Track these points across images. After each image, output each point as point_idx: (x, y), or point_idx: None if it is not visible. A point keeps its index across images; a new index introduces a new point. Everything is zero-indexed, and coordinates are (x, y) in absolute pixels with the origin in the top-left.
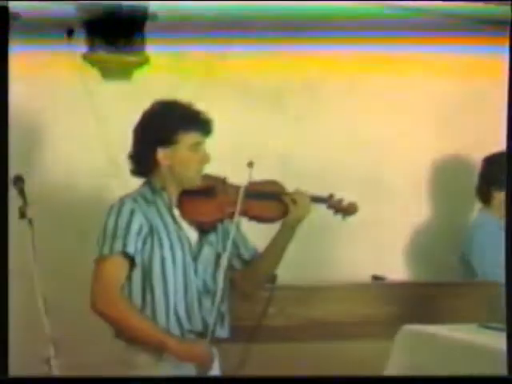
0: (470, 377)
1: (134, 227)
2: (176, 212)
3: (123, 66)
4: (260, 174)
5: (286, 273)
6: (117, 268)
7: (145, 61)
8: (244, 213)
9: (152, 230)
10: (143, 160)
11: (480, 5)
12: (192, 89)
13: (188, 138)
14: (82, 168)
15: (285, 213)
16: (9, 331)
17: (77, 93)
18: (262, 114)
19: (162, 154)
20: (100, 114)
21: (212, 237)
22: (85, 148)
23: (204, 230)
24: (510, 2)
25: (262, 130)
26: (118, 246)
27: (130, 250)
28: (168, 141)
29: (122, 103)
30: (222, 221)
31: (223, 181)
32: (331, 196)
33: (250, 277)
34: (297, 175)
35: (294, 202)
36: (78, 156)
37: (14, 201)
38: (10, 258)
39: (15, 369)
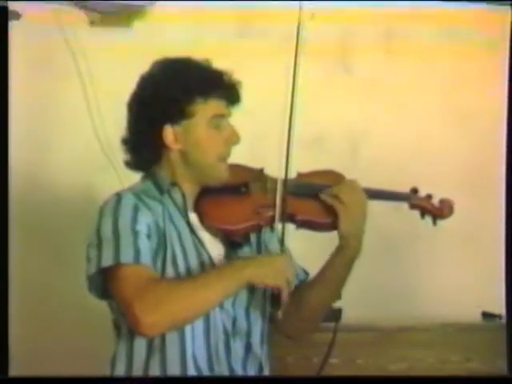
0: (470, 377)
1: (142, 229)
2: (193, 218)
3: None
4: (315, 162)
5: (353, 307)
6: (135, 275)
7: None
8: (290, 217)
9: (163, 238)
10: (144, 145)
11: None
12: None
13: (207, 109)
14: (60, 159)
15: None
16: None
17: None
18: (319, 76)
19: (170, 134)
20: (87, 80)
21: (245, 252)
22: (65, 130)
23: (233, 242)
24: (510, 1)
25: (319, 98)
26: (127, 255)
27: (146, 259)
28: (179, 114)
29: (117, 64)
30: (258, 229)
31: (259, 173)
32: (415, 191)
33: (299, 312)
34: (368, 162)
35: (341, 201)
36: (56, 140)
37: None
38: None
39: None
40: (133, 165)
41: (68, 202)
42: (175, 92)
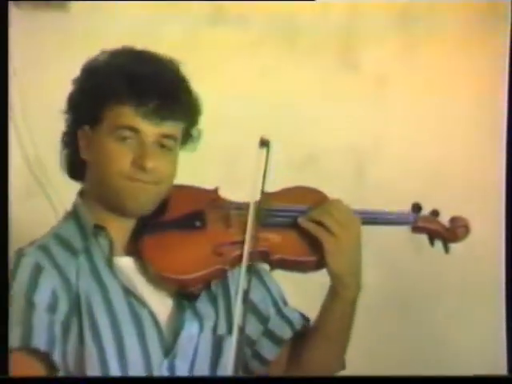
0: (470, 377)
1: (42, 299)
2: (127, 264)
3: None
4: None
5: (363, 362)
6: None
7: None
8: (262, 256)
9: (79, 305)
10: (69, 149)
11: None
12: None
13: (113, 117)
14: None
15: None
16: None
17: None
18: (314, 74)
19: (82, 138)
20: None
21: (203, 306)
22: None
23: (186, 294)
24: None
25: (314, 103)
26: (15, 337)
27: (40, 342)
28: (92, 116)
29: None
30: (222, 275)
31: (215, 196)
32: (417, 208)
33: (298, 371)
34: (376, 185)
35: (326, 228)
36: None
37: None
38: None
39: None
40: (69, 175)
41: None
42: (95, 89)
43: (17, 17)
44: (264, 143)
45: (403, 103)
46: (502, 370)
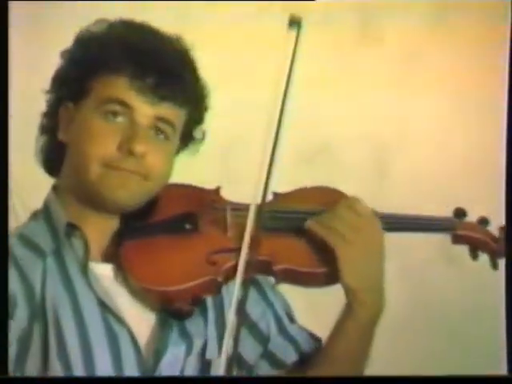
0: (470, 377)
1: None
2: (105, 272)
3: None
4: (319, 182)
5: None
6: None
7: None
8: (265, 266)
9: (44, 314)
10: (47, 135)
11: None
12: None
13: (101, 88)
14: None
15: None
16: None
17: None
18: (327, 53)
19: (63, 116)
20: None
21: (192, 323)
22: None
23: (172, 312)
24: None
25: (327, 87)
26: None
27: None
28: (77, 90)
29: None
30: (215, 288)
31: (214, 197)
32: (461, 214)
33: None
34: (401, 182)
35: (339, 234)
36: None
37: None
38: None
39: None
40: (44, 166)
41: None
42: (86, 59)
43: (17, 17)
44: (294, 21)
45: (433, 84)
46: (502, 370)
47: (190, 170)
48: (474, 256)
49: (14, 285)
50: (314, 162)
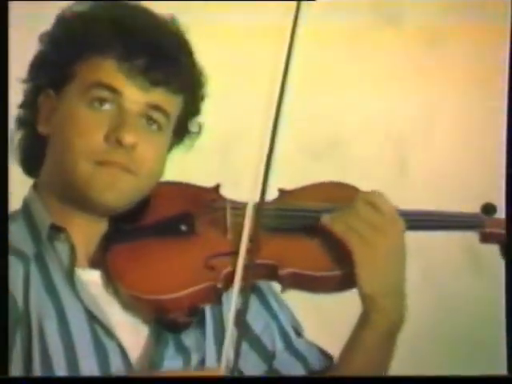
0: (470, 377)
1: None
2: (93, 278)
3: None
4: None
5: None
6: None
7: None
8: (271, 270)
9: (28, 325)
10: (25, 128)
11: None
12: None
13: (87, 72)
14: None
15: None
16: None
17: None
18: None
19: (44, 105)
20: None
21: (189, 335)
22: None
23: (167, 323)
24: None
25: (337, 74)
26: None
27: None
28: (57, 74)
29: None
30: (215, 295)
31: (213, 195)
32: (490, 209)
33: None
34: (422, 178)
35: (358, 233)
36: None
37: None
38: None
39: None
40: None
41: None
42: (68, 40)
43: (17, 17)
44: None
45: (459, 70)
46: (502, 370)
47: (185, 166)
48: (505, 256)
49: None
50: (325, 157)
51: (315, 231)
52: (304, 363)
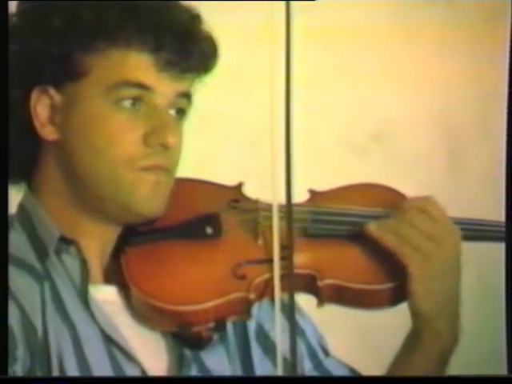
0: (470, 377)
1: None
2: (107, 295)
3: None
4: (372, 175)
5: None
6: None
7: None
8: (308, 282)
9: (47, 355)
10: (11, 127)
11: None
12: None
13: (110, 67)
14: None
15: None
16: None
17: None
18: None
19: (42, 104)
20: None
21: (213, 354)
22: None
23: (189, 339)
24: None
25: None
26: None
27: None
28: (60, 67)
29: None
30: (245, 307)
31: (237, 195)
32: None
33: None
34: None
35: (411, 243)
36: None
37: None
38: None
39: None
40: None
41: None
42: (54, 19)
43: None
44: None
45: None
46: (502, 370)
47: (205, 163)
48: None
49: (11, 317)
50: (367, 154)
51: (359, 239)
52: None
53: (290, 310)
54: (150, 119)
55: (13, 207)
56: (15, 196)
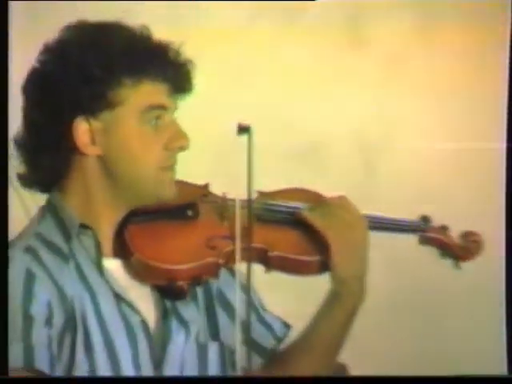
0: (470, 377)
1: (39, 311)
2: (114, 267)
3: None
4: (309, 180)
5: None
6: None
7: None
8: (260, 253)
9: (72, 312)
10: (43, 149)
11: None
12: None
13: (139, 97)
14: None
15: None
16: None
17: None
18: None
19: (84, 131)
20: None
21: (187, 309)
22: None
23: (172, 291)
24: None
25: (316, 85)
26: (16, 356)
27: (43, 361)
28: (97, 102)
29: None
30: (215, 270)
31: (205, 192)
32: (426, 219)
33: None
34: (389, 182)
35: (333, 226)
36: None
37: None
38: None
39: None
40: (29, 180)
41: None
42: (93, 68)
43: (17, 17)
44: (243, 129)
45: (419, 85)
46: (502, 370)
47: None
48: (443, 255)
49: (49, 289)
50: (303, 160)
51: (296, 223)
52: (271, 332)
53: (247, 274)
54: (168, 130)
55: (31, 210)
56: (30, 199)
